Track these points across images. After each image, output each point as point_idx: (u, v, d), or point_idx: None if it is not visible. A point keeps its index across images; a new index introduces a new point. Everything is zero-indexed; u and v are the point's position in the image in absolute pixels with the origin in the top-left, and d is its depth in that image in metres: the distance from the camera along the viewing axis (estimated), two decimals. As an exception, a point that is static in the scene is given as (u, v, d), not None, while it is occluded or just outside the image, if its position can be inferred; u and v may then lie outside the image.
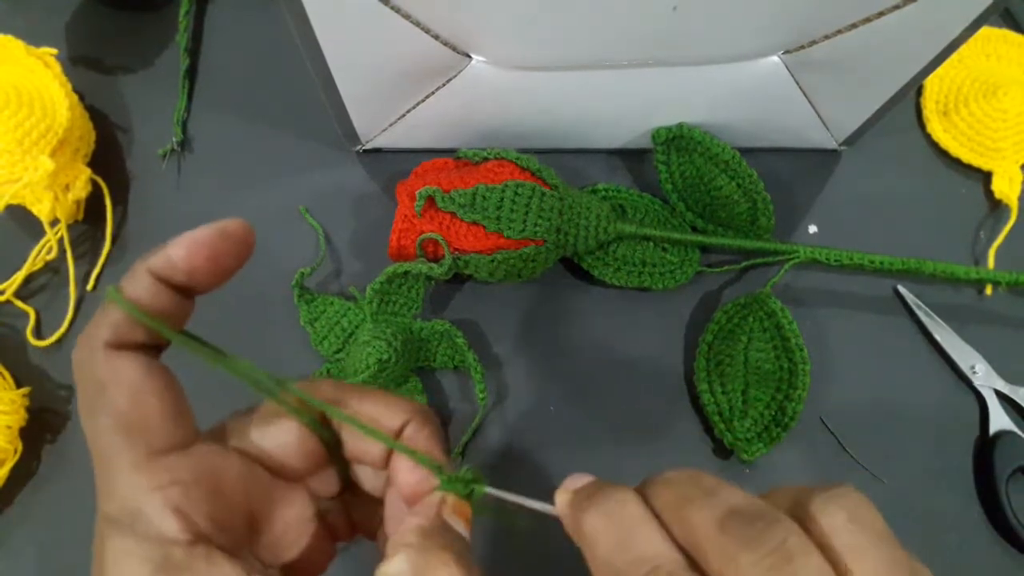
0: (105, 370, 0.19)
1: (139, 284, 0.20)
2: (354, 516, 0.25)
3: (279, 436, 0.22)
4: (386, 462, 0.23)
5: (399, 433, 0.23)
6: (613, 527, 0.19)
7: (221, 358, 0.21)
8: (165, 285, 0.20)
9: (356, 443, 0.23)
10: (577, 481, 0.21)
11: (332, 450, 0.23)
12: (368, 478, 0.24)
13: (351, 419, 0.22)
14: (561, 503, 0.21)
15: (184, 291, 0.21)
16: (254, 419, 0.22)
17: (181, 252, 0.20)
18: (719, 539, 0.17)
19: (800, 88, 0.40)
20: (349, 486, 0.24)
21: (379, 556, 0.21)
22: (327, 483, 0.24)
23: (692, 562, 0.18)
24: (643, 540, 0.18)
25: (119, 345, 0.20)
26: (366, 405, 0.23)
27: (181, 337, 0.20)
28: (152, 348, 0.21)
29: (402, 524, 0.21)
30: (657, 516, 0.19)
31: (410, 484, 0.22)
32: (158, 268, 0.20)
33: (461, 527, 0.21)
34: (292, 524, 0.23)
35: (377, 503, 0.24)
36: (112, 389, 0.19)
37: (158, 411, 0.20)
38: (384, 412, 0.23)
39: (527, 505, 0.22)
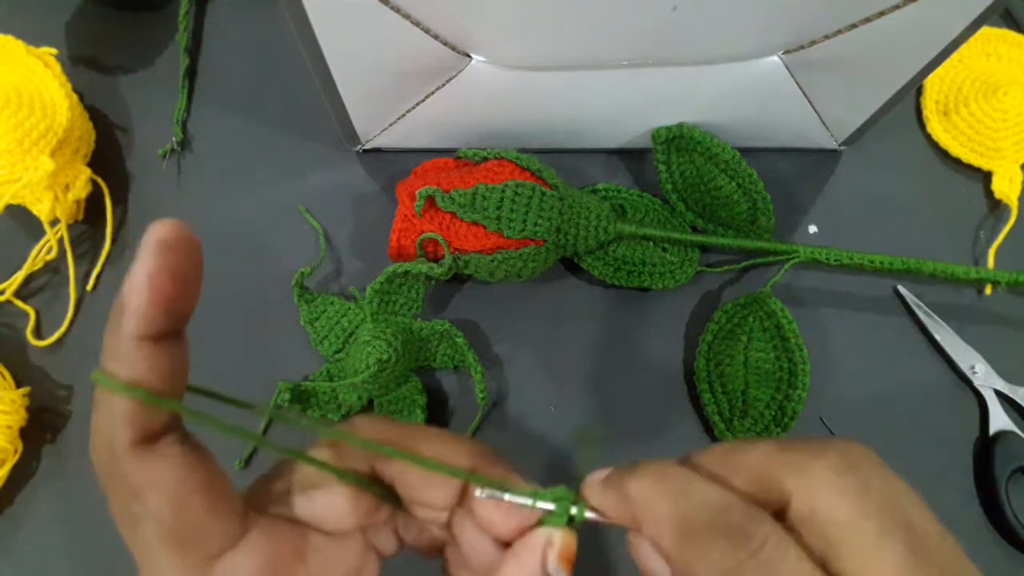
0: (138, 475, 0.17)
1: (131, 359, 0.17)
2: (403, 534, 0.23)
3: (329, 502, 0.20)
4: (455, 508, 0.21)
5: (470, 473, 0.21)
6: (665, 483, 0.20)
7: (232, 425, 0.18)
8: (155, 342, 0.17)
9: (417, 495, 0.21)
10: (600, 474, 0.21)
11: (385, 494, 0.21)
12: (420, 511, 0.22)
13: (420, 460, 0.20)
14: (593, 480, 0.21)
15: (170, 333, 0.18)
16: (295, 485, 0.20)
17: (144, 297, 0.17)
18: (783, 456, 0.18)
19: (800, 88, 0.40)
20: (400, 509, 0.22)
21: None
22: (380, 516, 0.22)
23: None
24: (701, 490, 0.19)
25: (144, 440, 0.17)
26: (425, 447, 0.21)
27: (205, 416, 0.18)
28: (179, 422, 0.18)
29: (502, 573, 0.20)
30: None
31: (499, 522, 0.20)
32: (140, 329, 0.17)
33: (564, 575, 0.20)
34: (346, 568, 0.21)
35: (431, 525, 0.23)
36: (150, 496, 0.17)
37: (207, 511, 0.18)
38: (448, 455, 0.21)
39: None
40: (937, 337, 0.42)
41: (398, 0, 0.32)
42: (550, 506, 0.20)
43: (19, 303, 0.42)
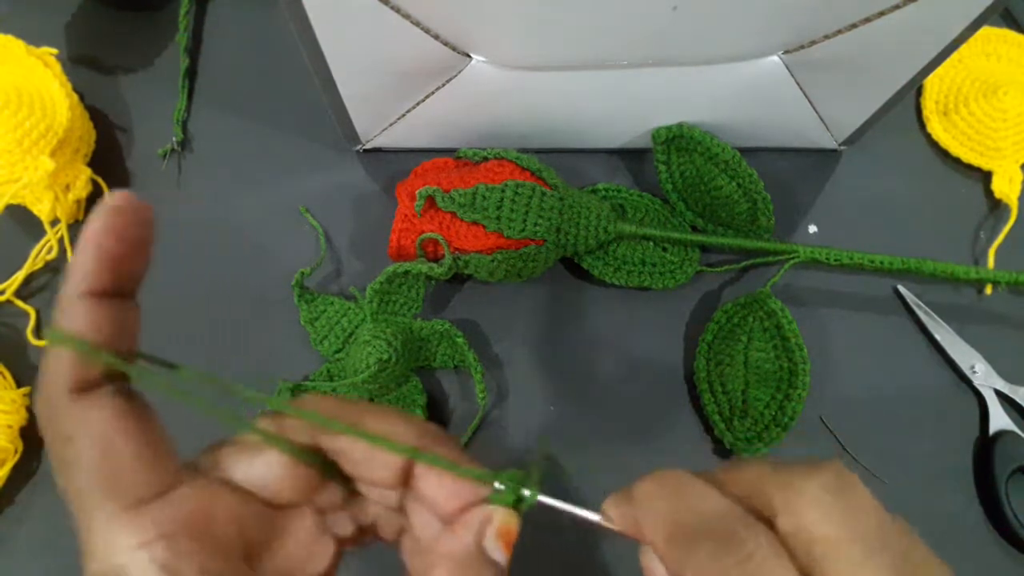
0: (70, 420, 0.18)
1: (74, 313, 0.18)
2: (360, 519, 0.23)
3: (267, 468, 0.20)
4: (401, 482, 0.21)
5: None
6: (668, 487, 0.20)
7: (180, 389, 0.19)
8: (99, 299, 0.18)
9: (360, 471, 0.21)
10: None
11: (329, 470, 0.21)
12: (368, 491, 0.22)
13: (362, 433, 0.20)
14: (609, 502, 0.21)
15: (120, 294, 0.19)
16: (240, 451, 0.21)
17: (89, 255, 0.18)
18: (777, 476, 0.19)
19: (800, 88, 0.40)
20: (354, 493, 0.22)
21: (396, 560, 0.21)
22: (330, 497, 0.22)
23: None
24: (699, 492, 0.19)
25: (83, 388, 0.18)
26: (372, 424, 0.21)
27: (144, 367, 0.19)
28: (119, 377, 0.19)
29: (438, 544, 0.20)
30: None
31: (443, 501, 0.21)
32: (83, 286, 0.18)
33: (500, 554, 0.20)
34: (296, 547, 0.21)
35: (387, 509, 0.23)
36: (80, 440, 0.18)
37: (133, 458, 0.18)
38: (394, 432, 0.21)
39: (578, 515, 0.21)
40: (937, 337, 0.42)
41: (398, 0, 0.32)
42: (588, 514, 0.21)
43: (19, 303, 0.42)
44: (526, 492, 0.20)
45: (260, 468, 0.20)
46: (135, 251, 0.19)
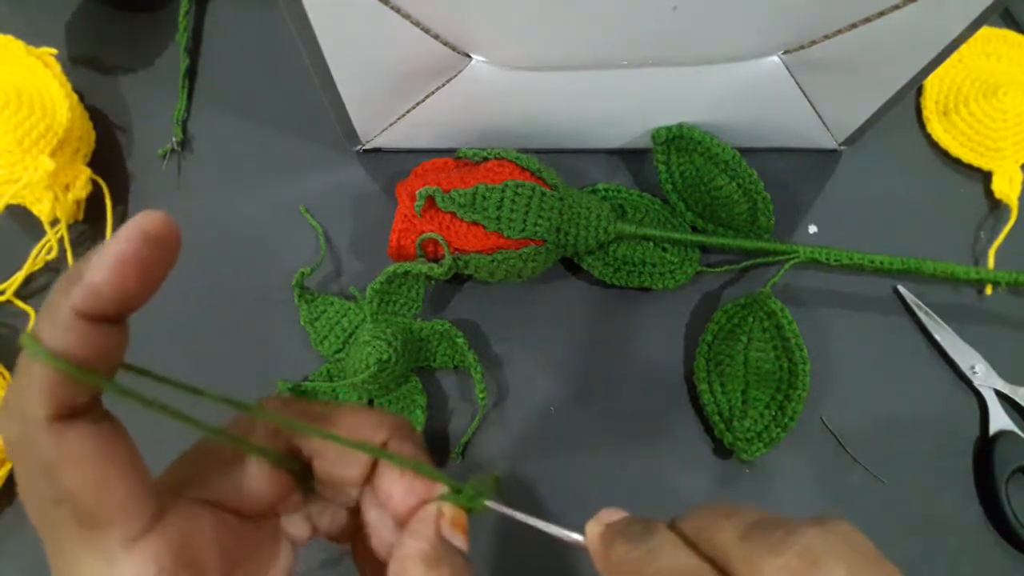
0: (53, 452, 0.16)
1: (66, 330, 0.16)
2: (315, 520, 0.23)
3: (245, 478, 0.20)
4: (365, 480, 0.21)
5: (381, 447, 0.21)
6: (640, 548, 0.19)
7: (158, 403, 0.18)
8: (94, 322, 0.16)
9: (331, 469, 0.21)
10: (611, 515, 0.21)
11: (300, 474, 0.22)
12: (332, 490, 0.23)
13: (336, 437, 0.20)
14: (592, 535, 0.21)
15: (111, 319, 0.17)
16: (216, 463, 0.20)
17: (106, 277, 0.16)
18: (743, 548, 0.17)
19: (800, 88, 0.40)
20: (312, 494, 0.23)
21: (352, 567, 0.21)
22: (292, 503, 0.22)
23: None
24: (668, 554, 0.19)
25: (63, 416, 0.16)
26: (340, 423, 0.21)
27: (129, 392, 0.17)
28: (96, 402, 0.17)
29: (402, 547, 0.20)
30: (684, 540, 0.19)
31: (399, 498, 0.21)
32: (83, 305, 0.16)
33: (460, 540, 0.21)
34: (263, 555, 0.21)
35: (341, 508, 0.23)
36: (68, 476, 0.16)
37: (126, 492, 0.17)
38: (362, 430, 0.21)
39: (546, 530, 0.21)
40: (937, 337, 0.42)
41: (398, 0, 0.32)
42: (563, 533, 0.21)
43: (19, 303, 0.42)
44: (487, 502, 0.22)
45: (238, 481, 0.20)
46: (148, 287, 0.17)
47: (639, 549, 0.19)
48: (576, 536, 0.21)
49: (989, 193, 0.46)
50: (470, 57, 0.37)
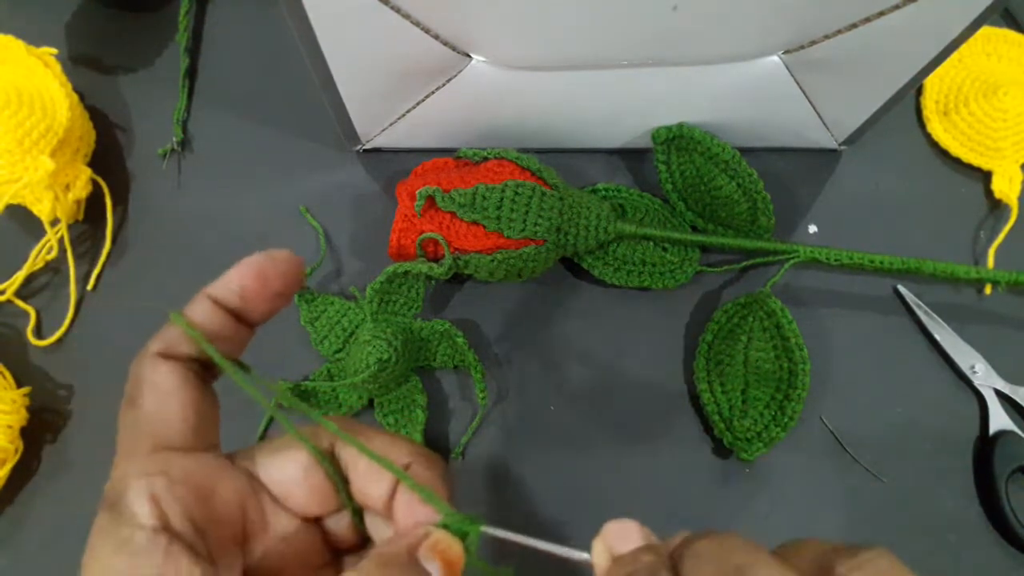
0: (145, 372, 0.21)
1: (197, 307, 0.22)
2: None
3: (285, 466, 0.23)
4: (389, 505, 0.22)
5: (405, 469, 0.22)
6: (729, 558, 0.18)
7: (252, 381, 0.22)
8: (221, 308, 0.22)
9: (361, 484, 0.22)
10: (618, 530, 0.20)
11: (341, 491, 0.23)
12: (379, 530, 0.24)
13: (357, 443, 0.22)
14: (599, 558, 0.20)
15: (240, 317, 0.22)
16: (266, 447, 0.23)
17: (233, 273, 0.22)
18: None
19: (800, 88, 0.40)
20: (366, 538, 0.24)
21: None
22: (341, 527, 0.24)
23: None
24: (764, 569, 0.17)
25: (166, 355, 0.21)
26: (374, 442, 0.23)
27: (221, 357, 0.22)
28: (203, 368, 0.22)
29: (374, 549, 0.21)
30: None
31: (407, 525, 0.22)
32: (215, 292, 0.22)
33: (436, 569, 0.20)
34: (289, 550, 0.22)
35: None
36: (146, 391, 0.21)
37: (177, 416, 0.21)
38: (391, 450, 0.22)
39: (550, 551, 0.21)
40: (937, 337, 0.42)
41: (398, 0, 0.32)
42: (564, 551, 0.21)
43: (19, 303, 0.42)
44: (484, 527, 0.21)
45: (279, 465, 0.23)
46: (265, 298, 0.22)
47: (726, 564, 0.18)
48: (583, 555, 0.21)
49: (989, 193, 0.46)
50: (470, 57, 0.37)
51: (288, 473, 0.22)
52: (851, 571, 0.17)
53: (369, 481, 0.22)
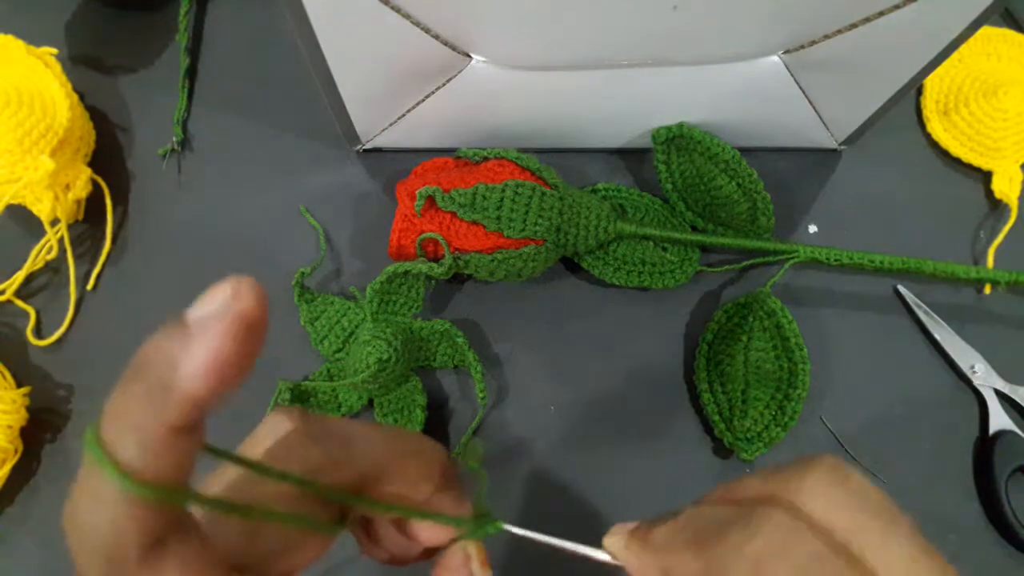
0: None
1: (158, 453, 0.13)
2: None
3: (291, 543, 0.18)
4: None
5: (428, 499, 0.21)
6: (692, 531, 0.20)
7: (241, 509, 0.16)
8: (185, 435, 0.14)
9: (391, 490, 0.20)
10: (626, 526, 0.22)
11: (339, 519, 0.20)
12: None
13: (382, 507, 0.20)
14: (616, 544, 0.21)
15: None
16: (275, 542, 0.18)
17: (207, 384, 0.13)
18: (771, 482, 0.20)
19: (800, 88, 0.40)
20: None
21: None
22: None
23: None
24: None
25: (156, 544, 0.14)
26: (394, 480, 0.20)
27: (225, 504, 0.15)
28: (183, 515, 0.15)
29: None
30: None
31: (430, 538, 0.22)
32: (183, 421, 0.13)
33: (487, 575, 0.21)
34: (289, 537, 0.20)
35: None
36: None
37: None
38: (412, 487, 0.20)
39: (566, 548, 0.22)
40: (937, 337, 0.42)
41: (398, 0, 0.32)
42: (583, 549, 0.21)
43: (19, 303, 0.42)
44: (504, 525, 0.22)
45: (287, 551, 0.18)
46: (246, 374, 0.14)
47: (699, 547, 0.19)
48: (601, 555, 0.22)
49: (989, 193, 0.46)
50: (470, 57, 0.37)
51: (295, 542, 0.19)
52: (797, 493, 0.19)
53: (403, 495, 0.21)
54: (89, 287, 0.42)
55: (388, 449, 0.20)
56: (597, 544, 0.22)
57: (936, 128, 0.47)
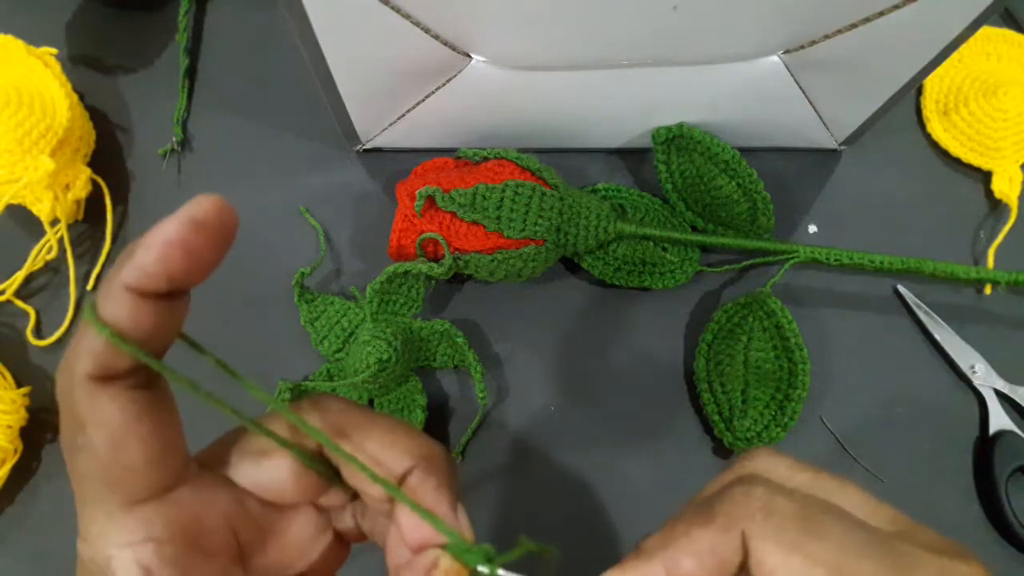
0: (86, 407, 0.17)
1: (117, 302, 0.17)
2: (364, 525, 0.23)
3: (273, 472, 0.20)
4: (389, 500, 0.21)
5: (403, 478, 0.20)
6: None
7: (200, 390, 0.19)
8: (145, 297, 0.17)
9: (357, 483, 0.21)
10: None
11: (333, 476, 0.21)
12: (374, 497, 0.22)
13: (350, 457, 0.20)
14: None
15: (169, 295, 0.18)
16: (249, 451, 0.21)
17: (152, 257, 0.17)
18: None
19: (800, 88, 0.40)
20: (358, 496, 0.22)
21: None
22: (333, 497, 0.22)
23: None
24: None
25: (102, 377, 0.17)
26: (370, 441, 0.20)
27: (166, 368, 0.18)
28: (147, 374, 0.18)
29: None
30: None
31: (411, 531, 0.20)
32: (133, 282, 0.17)
33: None
34: (295, 543, 0.21)
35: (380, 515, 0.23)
36: (92, 430, 0.17)
37: (141, 458, 0.18)
38: (388, 453, 0.20)
39: None
40: (937, 337, 0.42)
41: (398, 0, 0.32)
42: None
43: (19, 303, 0.42)
44: (483, 569, 0.20)
45: (266, 470, 0.20)
46: (198, 272, 0.17)
47: None
48: None
49: (989, 193, 0.46)
50: (470, 57, 0.37)
51: (276, 478, 0.20)
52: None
53: (365, 481, 0.20)
54: (89, 287, 0.42)
55: (360, 413, 0.21)
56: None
57: (936, 128, 0.47)
